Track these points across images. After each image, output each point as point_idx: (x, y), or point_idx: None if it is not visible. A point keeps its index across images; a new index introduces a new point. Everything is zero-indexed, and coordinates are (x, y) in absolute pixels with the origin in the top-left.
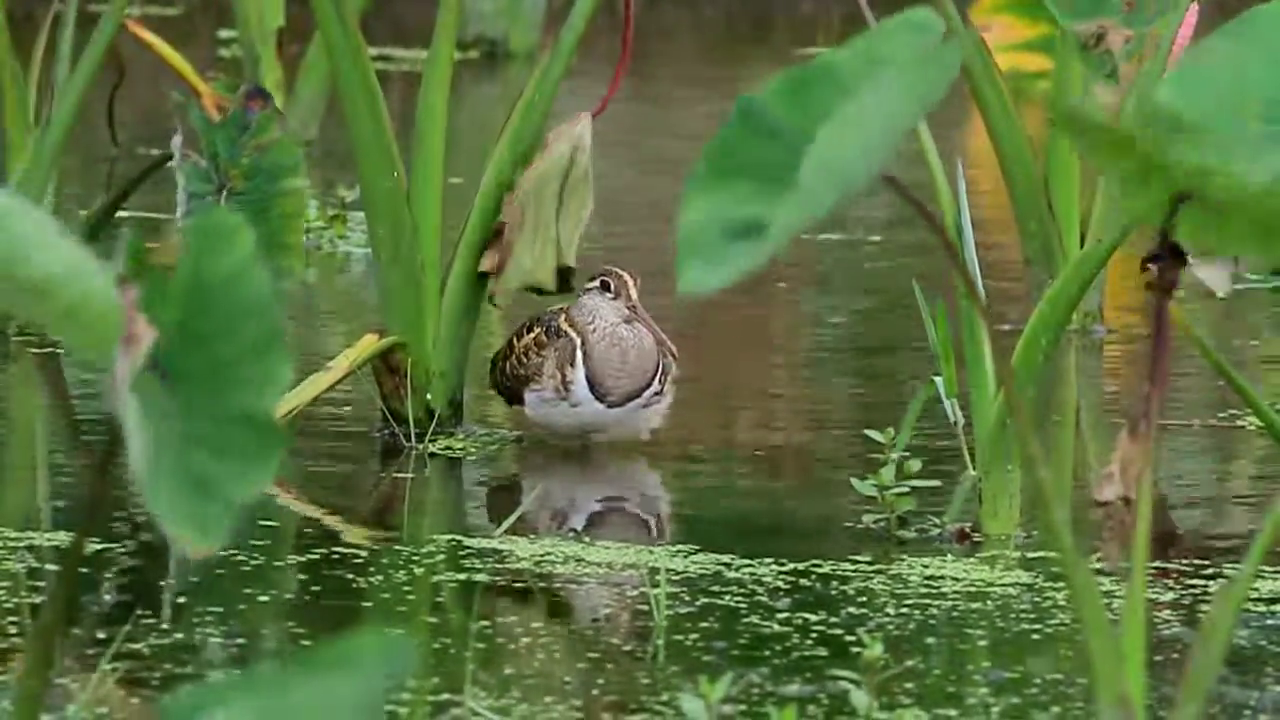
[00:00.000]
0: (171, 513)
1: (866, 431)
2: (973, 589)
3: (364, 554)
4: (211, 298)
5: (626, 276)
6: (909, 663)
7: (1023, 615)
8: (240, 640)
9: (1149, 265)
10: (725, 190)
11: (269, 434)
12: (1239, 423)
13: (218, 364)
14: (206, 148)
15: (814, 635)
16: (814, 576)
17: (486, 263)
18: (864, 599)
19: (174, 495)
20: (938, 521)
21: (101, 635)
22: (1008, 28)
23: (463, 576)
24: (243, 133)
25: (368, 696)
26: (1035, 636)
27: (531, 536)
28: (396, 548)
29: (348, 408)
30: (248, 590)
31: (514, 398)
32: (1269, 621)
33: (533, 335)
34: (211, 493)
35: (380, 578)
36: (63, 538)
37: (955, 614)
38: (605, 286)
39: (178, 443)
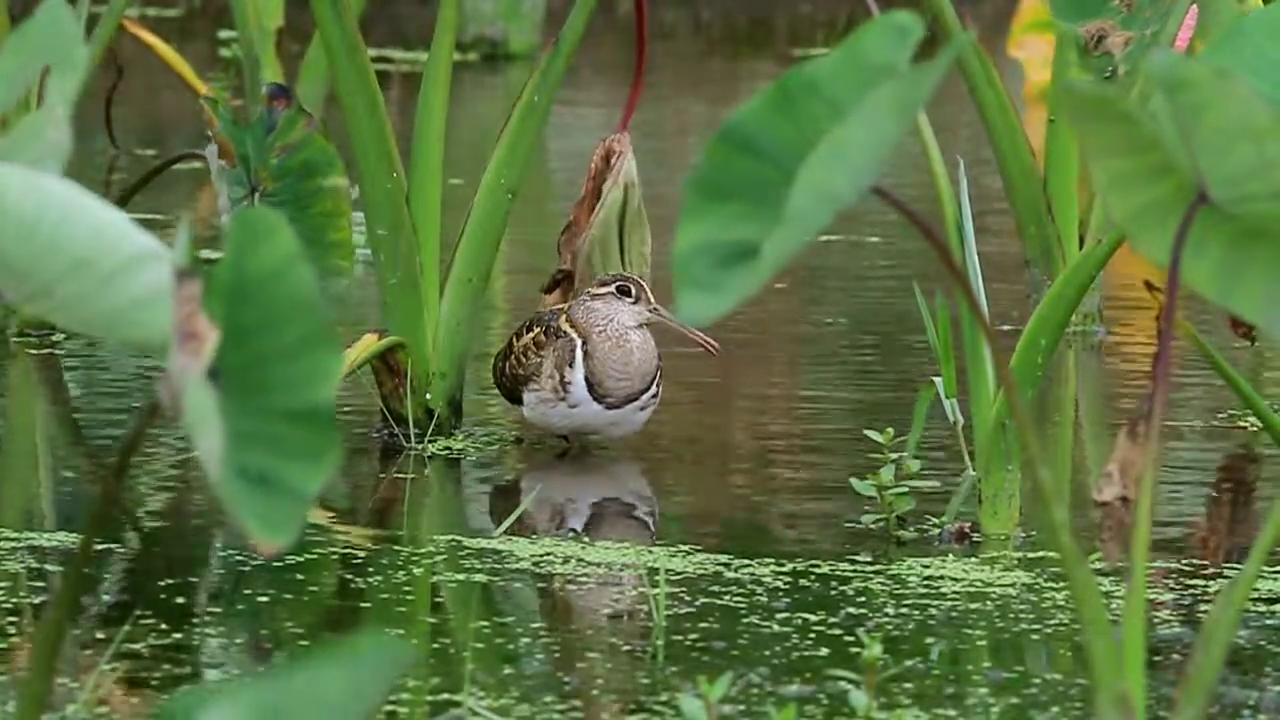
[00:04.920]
0: (241, 509)
1: (866, 432)
2: (972, 589)
3: (363, 554)
4: (254, 294)
5: (642, 281)
6: (908, 663)
7: (1022, 615)
8: (240, 640)
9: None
10: (717, 214)
11: (324, 428)
12: (1239, 423)
13: (261, 360)
14: (235, 150)
15: (813, 635)
16: (813, 576)
17: (550, 301)
18: (863, 599)
19: (242, 492)
20: (937, 521)
21: (101, 635)
22: (1048, 45)
23: (462, 577)
24: (268, 133)
25: (364, 698)
26: (1035, 636)
27: (531, 537)
28: (396, 548)
29: (348, 408)
30: (248, 590)
31: (513, 398)
32: (1269, 621)
33: (531, 335)
34: (277, 488)
35: (380, 578)
36: (63, 538)
37: (955, 614)
38: (625, 291)
39: (231, 439)
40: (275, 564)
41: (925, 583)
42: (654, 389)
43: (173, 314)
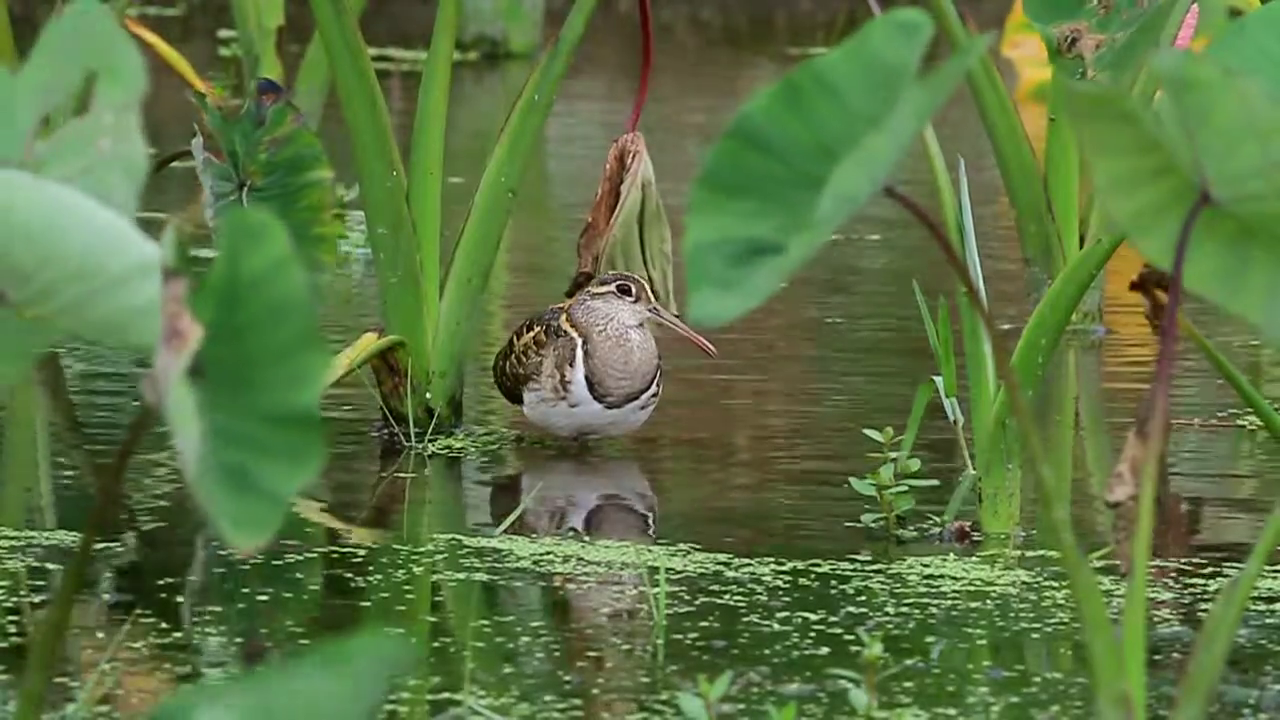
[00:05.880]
0: (215, 508)
1: (866, 431)
2: (972, 588)
3: (363, 553)
4: (245, 295)
5: (643, 280)
6: (908, 662)
7: (1022, 614)
8: (240, 640)
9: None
10: (727, 210)
11: (308, 431)
12: (1239, 422)
13: (250, 361)
14: (224, 145)
15: (813, 634)
16: (813, 575)
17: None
18: (863, 598)
19: (217, 490)
20: (937, 520)
21: (101, 635)
22: (1042, 44)
23: (462, 576)
24: (257, 128)
25: (362, 698)
26: (1035, 635)
27: (531, 536)
28: (396, 547)
29: (347, 407)
30: (247, 590)
31: (514, 397)
32: (1269, 620)
33: (532, 334)
34: (254, 489)
35: (380, 577)
36: (63, 537)
37: (955, 613)
38: (625, 290)
39: (213, 438)
40: (275, 563)
41: (925, 581)
42: (654, 388)
43: (160, 312)
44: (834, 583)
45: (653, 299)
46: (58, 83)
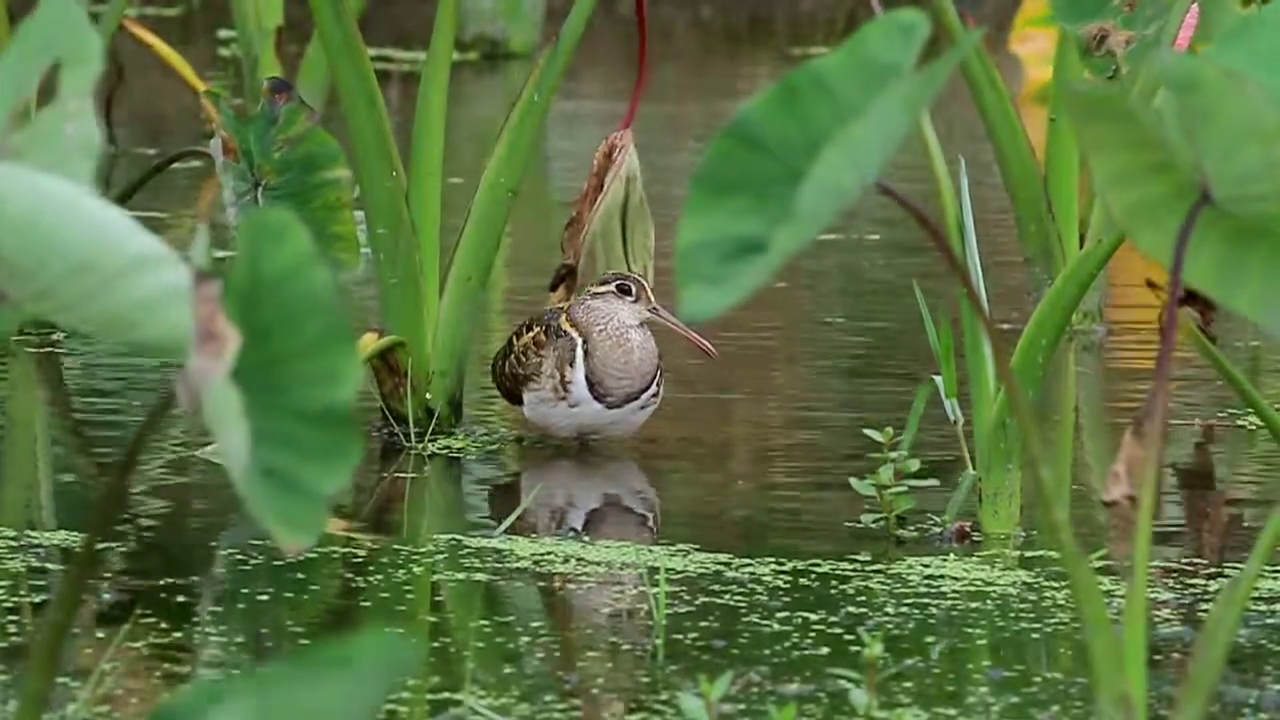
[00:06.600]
0: (262, 508)
1: (866, 431)
2: (972, 588)
3: (364, 553)
4: (268, 295)
5: (643, 279)
6: (909, 662)
7: (1023, 614)
8: (240, 640)
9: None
10: (720, 209)
11: (341, 428)
12: (1239, 422)
13: (277, 360)
14: (239, 145)
15: (813, 634)
16: (813, 576)
17: (556, 298)
18: (863, 598)
19: (262, 490)
20: (937, 521)
21: (101, 635)
22: (1050, 39)
23: (462, 576)
24: (271, 127)
25: (365, 697)
26: (1035, 635)
27: (531, 536)
28: (396, 547)
29: None
30: (248, 589)
31: (514, 397)
32: (1270, 620)
33: (532, 334)
34: (293, 488)
35: (380, 577)
36: (63, 537)
37: (955, 613)
38: (625, 290)
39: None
40: (275, 563)
41: (925, 582)
42: (654, 388)
43: (193, 314)
44: (834, 583)
45: (653, 298)
46: (30, 75)
